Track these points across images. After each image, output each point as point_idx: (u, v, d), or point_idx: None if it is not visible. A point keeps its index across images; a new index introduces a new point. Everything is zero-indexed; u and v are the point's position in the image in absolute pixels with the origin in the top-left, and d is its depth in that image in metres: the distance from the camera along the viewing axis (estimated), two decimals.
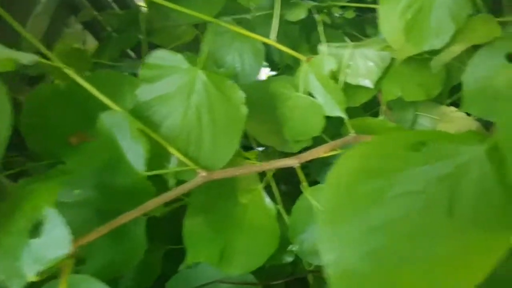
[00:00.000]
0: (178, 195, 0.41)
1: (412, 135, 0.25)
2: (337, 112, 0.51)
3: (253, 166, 0.49)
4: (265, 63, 0.65)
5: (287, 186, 0.63)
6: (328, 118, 0.53)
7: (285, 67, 0.60)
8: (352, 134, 0.50)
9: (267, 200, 0.50)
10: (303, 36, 0.58)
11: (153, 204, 0.38)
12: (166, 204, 0.45)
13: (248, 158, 0.52)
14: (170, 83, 0.47)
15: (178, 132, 0.46)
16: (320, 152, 0.49)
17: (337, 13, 0.65)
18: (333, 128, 0.57)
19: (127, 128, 0.41)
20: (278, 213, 0.50)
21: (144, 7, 0.60)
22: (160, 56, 0.47)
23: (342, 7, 0.63)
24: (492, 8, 0.54)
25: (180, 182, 0.43)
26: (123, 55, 0.67)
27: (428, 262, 0.23)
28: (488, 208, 0.23)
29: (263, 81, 0.57)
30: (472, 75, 0.45)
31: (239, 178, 0.50)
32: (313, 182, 0.52)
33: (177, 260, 0.49)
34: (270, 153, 0.59)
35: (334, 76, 0.54)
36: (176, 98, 0.47)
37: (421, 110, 0.60)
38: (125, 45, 0.59)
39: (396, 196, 0.25)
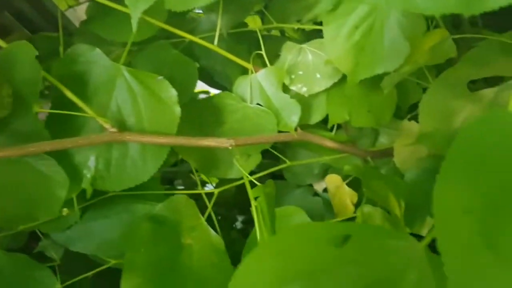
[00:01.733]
0: None
1: (334, 228, 0.21)
2: (294, 120, 0.48)
3: (176, 137, 0.44)
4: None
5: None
6: None
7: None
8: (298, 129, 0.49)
9: (213, 233, 0.46)
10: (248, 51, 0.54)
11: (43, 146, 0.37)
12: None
13: None
14: (88, 81, 0.42)
15: None
16: (258, 139, 0.48)
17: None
18: None
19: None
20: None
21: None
22: (78, 52, 0.43)
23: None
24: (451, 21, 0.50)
25: None
26: None
27: None
28: None
29: (203, 99, 0.53)
30: (429, 107, 0.40)
31: (180, 216, 0.45)
32: None
33: None
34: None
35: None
36: (94, 98, 0.42)
37: None
38: None
39: None
